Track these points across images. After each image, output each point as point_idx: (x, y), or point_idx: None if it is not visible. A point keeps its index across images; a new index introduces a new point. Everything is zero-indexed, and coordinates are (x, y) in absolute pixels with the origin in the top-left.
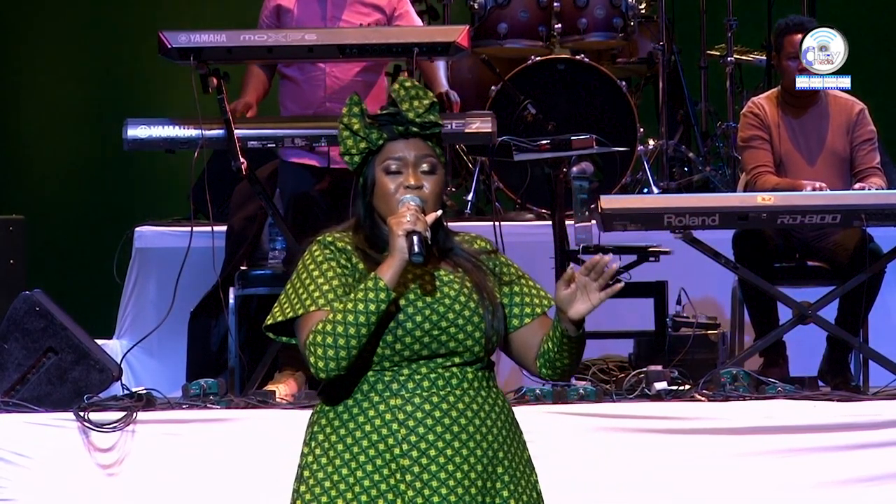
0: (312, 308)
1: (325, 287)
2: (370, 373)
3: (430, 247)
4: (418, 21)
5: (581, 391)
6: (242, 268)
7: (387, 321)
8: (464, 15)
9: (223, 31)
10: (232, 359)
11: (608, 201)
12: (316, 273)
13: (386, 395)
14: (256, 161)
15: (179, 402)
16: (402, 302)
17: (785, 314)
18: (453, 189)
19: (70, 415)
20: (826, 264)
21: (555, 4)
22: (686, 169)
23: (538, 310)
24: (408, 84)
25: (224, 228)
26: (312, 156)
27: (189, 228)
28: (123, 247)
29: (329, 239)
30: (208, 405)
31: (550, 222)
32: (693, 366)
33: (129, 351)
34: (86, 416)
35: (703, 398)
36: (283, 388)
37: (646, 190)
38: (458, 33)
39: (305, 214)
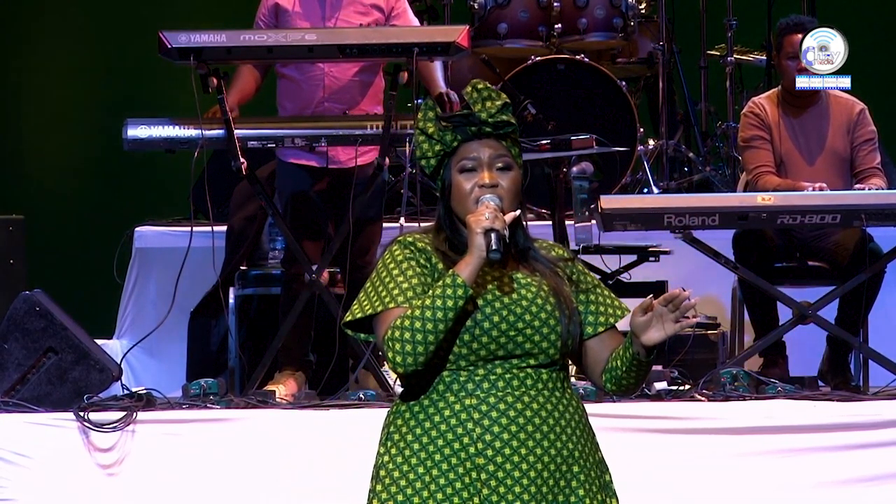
0: (391, 305)
1: (405, 285)
2: (446, 372)
3: (508, 247)
4: (415, 20)
5: (581, 391)
6: (242, 268)
7: (464, 320)
8: (464, 15)
9: (223, 31)
10: (232, 359)
11: (608, 201)
12: (396, 271)
13: (461, 394)
14: (256, 161)
15: (179, 402)
16: (480, 302)
17: (785, 314)
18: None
19: (70, 415)
20: (826, 264)
21: (555, 4)
22: (686, 169)
23: (611, 319)
24: (480, 86)
25: (224, 228)
26: (311, 156)
27: (189, 228)
28: (123, 247)
29: (409, 239)
30: (208, 405)
31: (550, 222)
32: (693, 366)
33: (129, 351)
34: (86, 416)
35: (703, 398)
36: (283, 388)
37: (646, 190)
38: (458, 33)
39: (304, 215)
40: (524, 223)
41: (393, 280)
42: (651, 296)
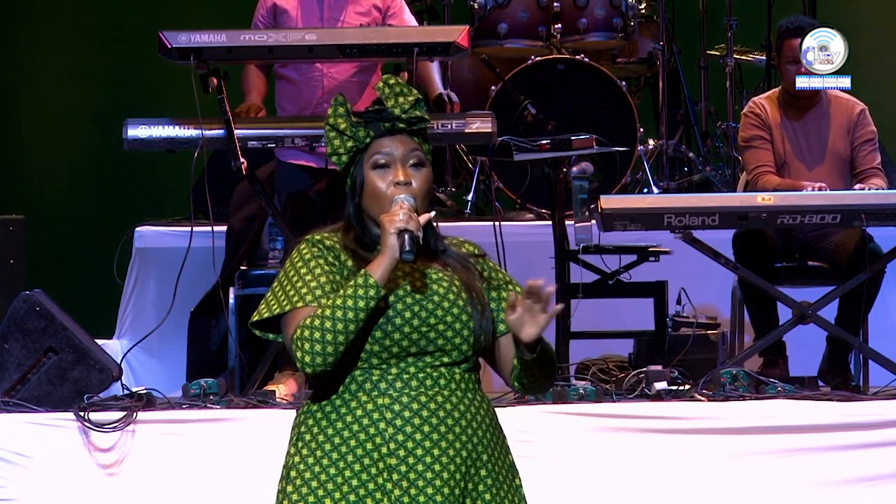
0: (300, 304)
1: (313, 283)
2: (357, 371)
3: (420, 246)
4: (412, 20)
5: (581, 391)
6: (242, 268)
7: (376, 317)
8: (464, 15)
9: (223, 31)
10: (232, 359)
11: (608, 201)
12: (304, 270)
13: (374, 393)
14: (256, 161)
15: (179, 402)
16: (391, 298)
17: (785, 314)
18: (453, 189)
19: (70, 415)
20: (826, 264)
21: (555, 4)
22: (686, 169)
23: None
24: (392, 81)
25: (224, 228)
26: (310, 157)
27: (189, 228)
28: (123, 247)
29: (317, 238)
30: (208, 405)
31: (550, 222)
32: (693, 366)
33: (129, 351)
34: (86, 416)
35: (703, 398)
36: (283, 388)
37: (646, 190)
38: (458, 33)
39: (302, 215)
40: (436, 224)
41: (301, 279)
42: (511, 293)
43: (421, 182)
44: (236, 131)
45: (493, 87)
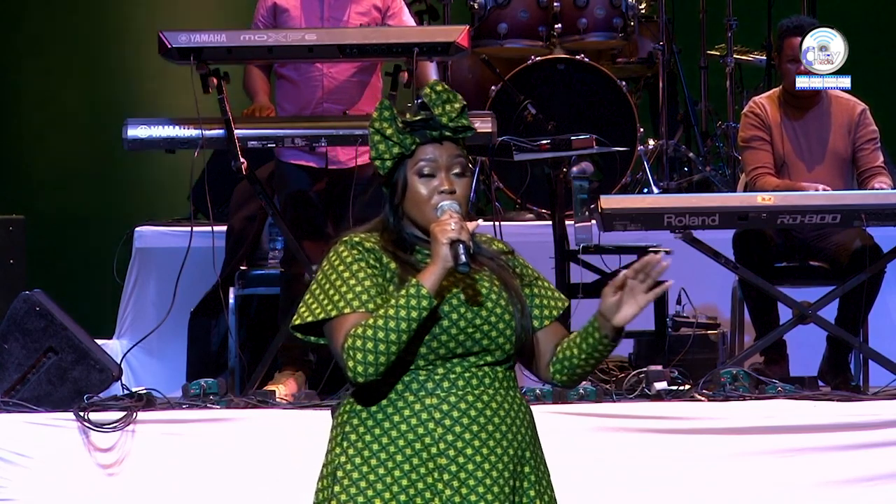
0: (347, 310)
1: (359, 289)
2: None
3: (473, 257)
4: (410, 21)
5: (581, 391)
6: (242, 268)
7: (424, 322)
8: (464, 15)
9: (223, 31)
10: (232, 359)
11: (608, 201)
12: (347, 274)
13: (421, 394)
14: (256, 161)
15: (179, 402)
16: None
17: (785, 314)
18: None
19: (70, 415)
20: (826, 264)
21: (555, 4)
22: (686, 169)
23: (555, 312)
24: (439, 88)
25: (224, 228)
26: (310, 157)
27: (189, 228)
28: (123, 247)
29: (356, 239)
30: (208, 405)
31: (550, 222)
32: (693, 366)
33: (129, 351)
34: (86, 416)
35: (703, 398)
36: (283, 388)
37: (646, 190)
38: (458, 33)
39: (302, 215)
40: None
41: (345, 283)
42: (623, 272)
43: (464, 190)
44: (236, 131)
45: (493, 87)
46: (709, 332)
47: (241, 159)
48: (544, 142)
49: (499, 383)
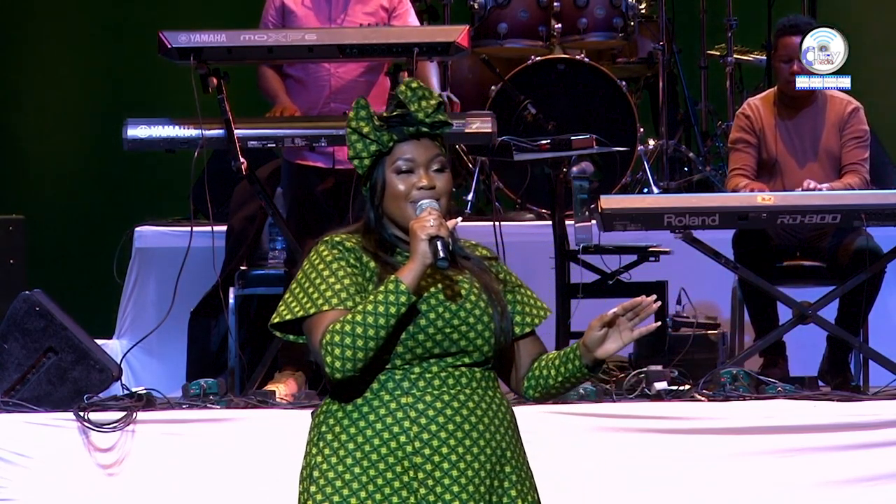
0: (325, 307)
1: (338, 286)
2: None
3: (452, 253)
4: (415, 21)
5: (581, 391)
6: (242, 268)
7: (402, 320)
8: (464, 15)
9: (223, 31)
10: (232, 359)
11: (608, 201)
12: (326, 272)
13: (397, 393)
14: (256, 161)
15: (179, 402)
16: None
17: (785, 314)
18: (453, 189)
19: (70, 415)
20: (826, 264)
21: (555, 4)
22: (686, 169)
23: (536, 320)
24: (414, 85)
25: (224, 228)
26: (317, 157)
27: (189, 228)
28: (123, 247)
29: (336, 239)
30: (208, 405)
31: (550, 222)
32: (693, 366)
33: (129, 351)
34: (86, 416)
35: (703, 398)
36: (283, 388)
37: (646, 190)
38: (458, 33)
39: (310, 215)
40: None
41: (324, 281)
42: (613, 310)
43: (444, 185)
44: (236, 131)
45: (493, 87)
46: (709, 332)
47: (241, 159)
48: (544, 142)
49: (476, 384)
